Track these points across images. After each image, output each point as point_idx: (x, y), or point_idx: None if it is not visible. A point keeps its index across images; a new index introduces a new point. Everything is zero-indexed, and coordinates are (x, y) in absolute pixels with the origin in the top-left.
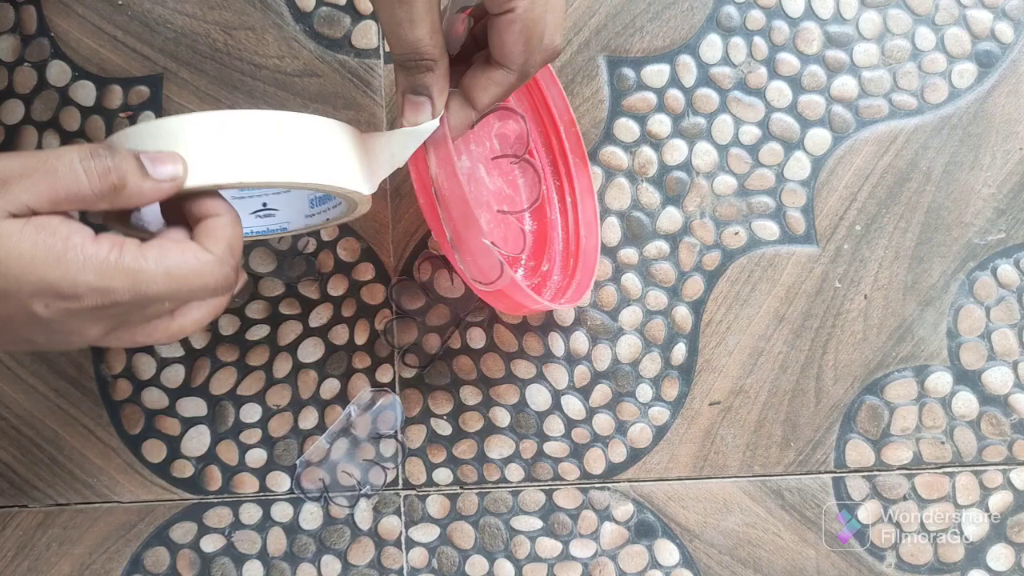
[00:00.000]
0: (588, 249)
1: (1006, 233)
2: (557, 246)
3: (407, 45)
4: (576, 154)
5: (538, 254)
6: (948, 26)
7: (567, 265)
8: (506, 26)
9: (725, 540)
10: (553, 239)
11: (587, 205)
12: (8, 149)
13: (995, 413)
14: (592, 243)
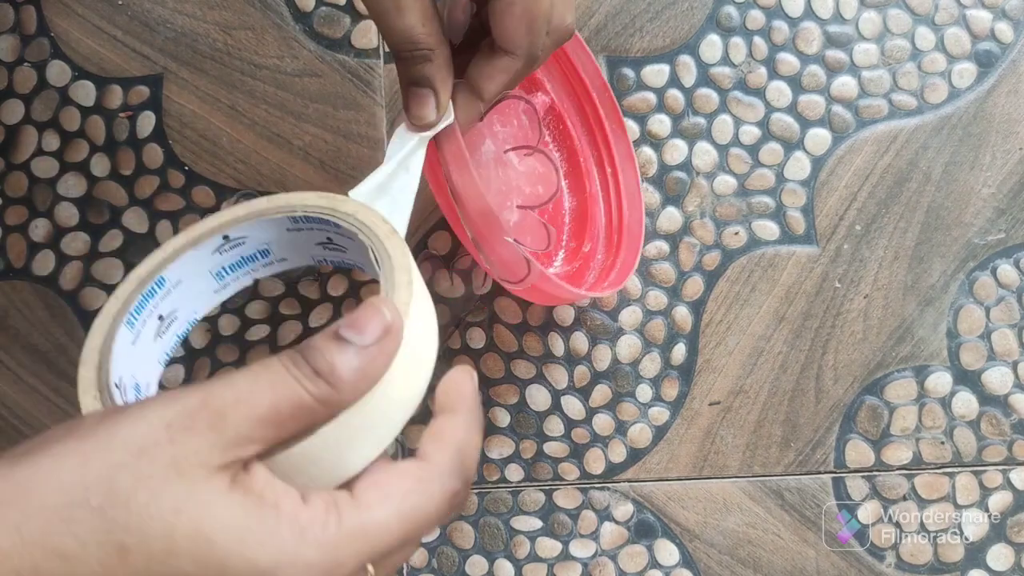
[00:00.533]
0: (632, 223)
1: (1006, 233)
2: (600, 221)
3: (398, 34)
4: (613, 120)
5: (579, 233)
6: (948, 26)
7: (611, 242)
8: (506, 8)
9: (725, 540)
10: (595, 214)
11: (628, 174)
12: (8, 149)
13: (995, 413)
14: (636, 216)
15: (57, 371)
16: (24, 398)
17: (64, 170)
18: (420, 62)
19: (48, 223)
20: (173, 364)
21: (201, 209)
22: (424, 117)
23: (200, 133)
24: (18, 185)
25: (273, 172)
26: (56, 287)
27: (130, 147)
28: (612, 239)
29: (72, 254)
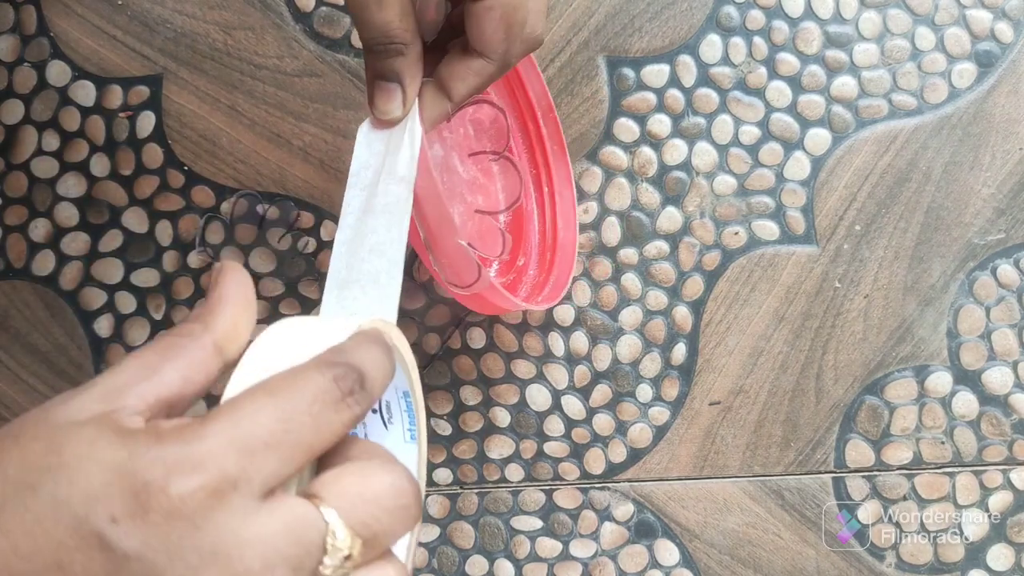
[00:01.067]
0: (566, 243)
1: (1006, 233)
2: (533, 239)
3: (375, 28)
4: (554, 141)
5: (513, 248)
6: (948, 26)
7: (544, 260)
8: (485, 12)
9: (725, 540)
10: (529, 232)
11: (565, 196)
12: (8, 149)
13: (995, 413)
14: (570, 237)
15: (57, 371)
16: (24, 398)
17: (64, 170)
18: (392, 55)
19: (48, 223)
20: None
21: (201, 209)
22: (389, 112)
23: (200, 133)
24: (18, 185)
25: (273, 172)
26: (56, 287)
27: (130, 147)
28: (545, 256)
29: (72, 254)
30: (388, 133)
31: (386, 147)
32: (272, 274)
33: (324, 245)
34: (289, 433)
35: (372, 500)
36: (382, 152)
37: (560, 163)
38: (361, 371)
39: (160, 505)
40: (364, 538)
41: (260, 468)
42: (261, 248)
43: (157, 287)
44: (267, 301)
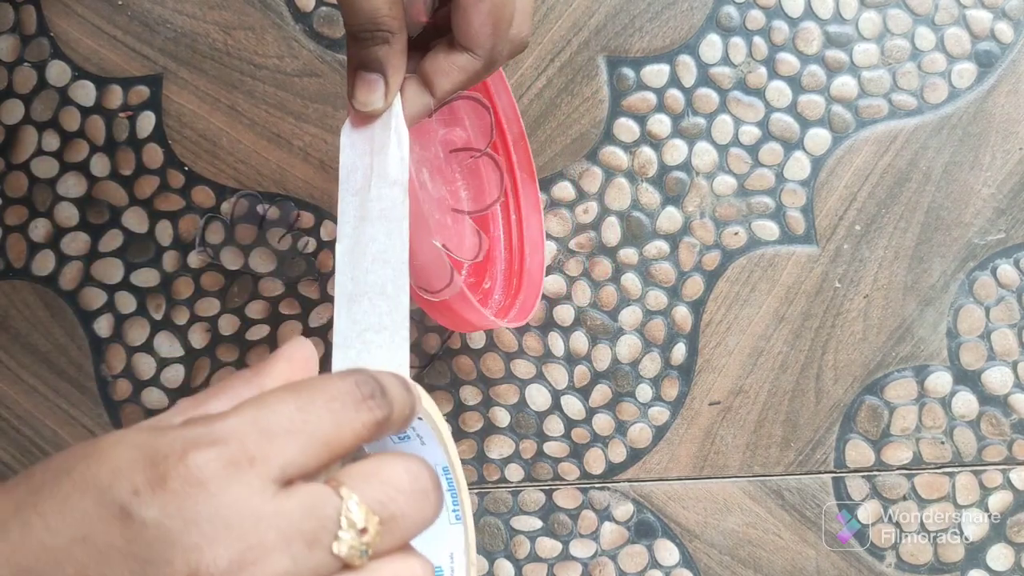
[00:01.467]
0: (532, 268)
1: (1006, 233)
2: (499, 265)
3: (362, 14)
4: (524, 169)
5: (480, 271)
6: (948, 26)
7: (510, 285)
8: (473, 5)
9: (725, 540)
10: (495, 257)
11: (533, 223)
12: (8, 149)
13: (995, 413)
14: (537, 261)
15: (57, 371)
16: (24, 398)
17: (64, 170)
18: (377, 43)
19: (48, 223)
20: (173, 364)
21: (201, 209)
22: (370, 103)
23: (200, 133)
24: (18, 185)
25: (273, 172)
26: (56, 287)
27: (130, 147)
28: (511, 282)
29: (72, 254)
30: (371, 131)
31: (371, 146)
32: (272, 274)
33: (324, 245)
34: (307, 423)
35: (388, 481)
36: (367, 152)
37: (529, 190)
38: (382, 383)
39: (178, 473)
40: (381, 517)
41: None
42: (261, 248)
43: (157, 287)
44: (267, 301)
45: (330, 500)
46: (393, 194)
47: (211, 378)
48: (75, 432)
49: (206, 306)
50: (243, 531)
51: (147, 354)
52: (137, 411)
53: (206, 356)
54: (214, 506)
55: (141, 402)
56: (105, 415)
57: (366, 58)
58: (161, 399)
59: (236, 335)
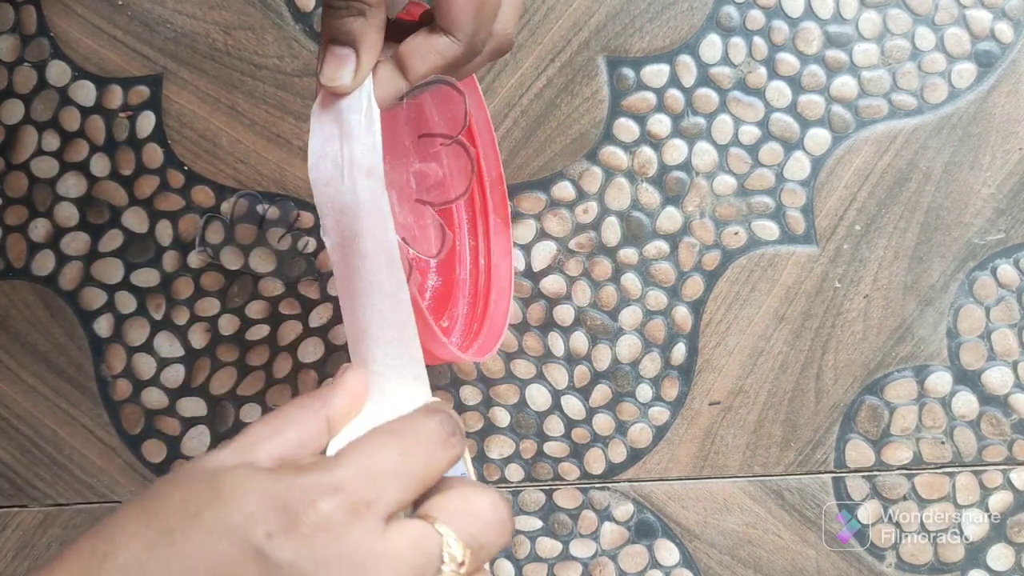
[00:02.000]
0: (496, 315)
1: (1006, 233)
2: (461, 307)
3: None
4: (499, 214)
5: (437, 311)
6: (948, 26)
7: (469, 329)
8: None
9: (725, 540)
10: (457, 299)
11: (502, 270)
12: (8, 149)
13: (995, 413)
14: (502, 308)
15: (57, 371)
16: (24, 398)
17: (64, 170)
18: (352, 14)
19: (48, 223)
20: (173, 364)
21: (201, 209)
22: (337, 79)
23: (200, 133)
24: (18, 185)
25: (273, 172)
26: (56, 287)
27: (130, 147)
28: (471, 327)
29: (72, 254)
30: (341, 115)
31: (340, 131)
32: (272, 274)
33: (324, 245)
34: (408, 465)
35: (476, 515)
36: (336, 137)
37: (501, 237)
38: (456, 420)
39: (308, 521)
40: (472, 548)
41: (386, 493)
42: (261, 248)
43: (157, 287)
44: (267, 301)
45: (433, 537)
46: (370, 185)
47: (211, 378)
48: (75, 432)
49: (206, 306)
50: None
51: (147, 354)
52: (137, 411)
53: (206, 356)
54: (340, 548)
55: (141, 402)
56: (105, 415)
57: (338, 30)
58: (161, 399)
59: (236, 335)
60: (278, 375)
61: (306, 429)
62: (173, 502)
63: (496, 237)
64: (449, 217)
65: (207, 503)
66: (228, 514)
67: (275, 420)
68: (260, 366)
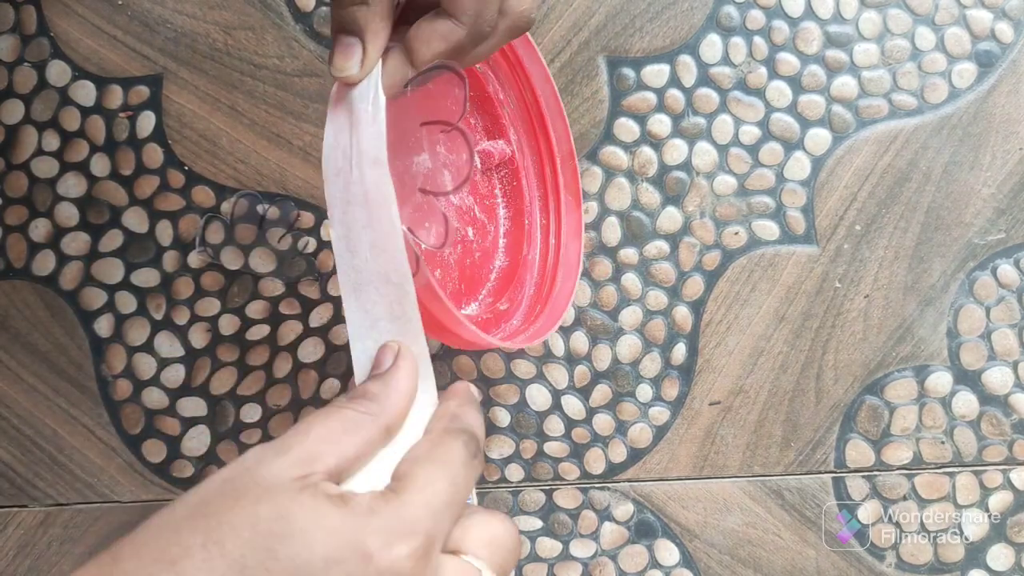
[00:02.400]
0: (560, 295)
1: (1006, 233)
2: (527, 289)
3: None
4: (570, 191)
5: (499, 292)
6: (948, 26)
7: (532, 311)
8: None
9: (725, 540)
10: (524, 280)
11: (571, 249)
12: (8, 149)
13: (995, 413)
14: (566, 289)
15: (57, 371)
16: (24, 398)
17: (64, 170)
18: (356, 3)
19: (48, 223)
20: (174, 364)
21: (201, 209)
22: (345, 69)
23: (200, 133)
24: (18, 185)
25: (273, 172)
26: (56, 287)
27: (130, 147)
28: (533, 309)
29: (72, 254)
30: (351, 105)
31: (350, 122)
32: (272, 274)
33: (324, 245)
34: (456, 495)
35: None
36: (346, 128)
37: (572, 215)
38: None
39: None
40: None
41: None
42: (261, 248)
43: (157, 287)
44: (267, 301)
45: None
46: (376, 175)
47: (211, 378)
48: (75, 432)
49: (206, 306)
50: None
51: (147, 354)
52: (137, 411)
53: (206, 356)
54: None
55: (141, 402)
56: (105, 415)
57: (344, 19)
58: (161, 399)
59: (236, 335)
60: (278, 375)
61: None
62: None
63: (568, 215)
64: (520, 195)
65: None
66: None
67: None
68: (260, 366)
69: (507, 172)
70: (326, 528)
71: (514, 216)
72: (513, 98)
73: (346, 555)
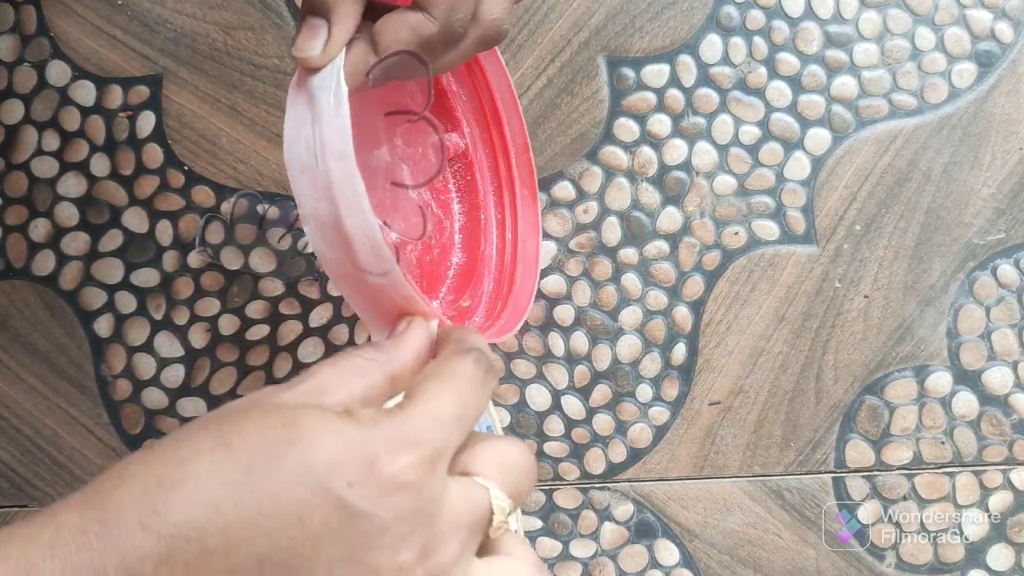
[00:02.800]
0: (521, 292)
1: (1006, 233)
2: (486, 285)
3: None
4: (525, 184)
5: (459, 289)
6: (948, 26)
7: (493, 308)
8: None
9: (725, 540)
10: (482, 275)
11: (529, 244)
12: (8, 149)
13: (995, 413)
14: (527, 286)
15: (57, 371)
16: (24, 398)
17: (64, 170)
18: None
19: (48, 223)
20: (173, 364)
21: (201, 209)
22: (306, 50)
23: (200, 133)
24: (18, 185)
25: (273, 172)
26: (56, 287)
27: (130, 147)
28: (495, 305)
29: (72, 254)
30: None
31: (311, 114)
32: (272, 274)
33: None
34: (464, 409)
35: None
36: (308, 120)
37: (529, 208)
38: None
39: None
40: (513, 497)
41: (452, 440)
42: (261, 248)
43: (157, 287)
44: (267, 301)
45: (481, 492)
46: (343, 168)
47: (211, 378)
48: (75, 431)
49: (206, 306)
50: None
51: (147, 354)
52: (137, 411)
53: (206, 356)
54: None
55: (141, 402)
56: (105, 415)
57: (314, 1)
58: (161, 399)
59: (236, 335)
60: (278, 375)
61: (371, 383)
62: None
63: (524, 210)
64: (474, 189)
65: (288, 444)
66: (310, 459)
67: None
68: (260, 366)
69: (461, 166)
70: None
71: (469, 211)
72: (466, 91)
73: (349, 461)
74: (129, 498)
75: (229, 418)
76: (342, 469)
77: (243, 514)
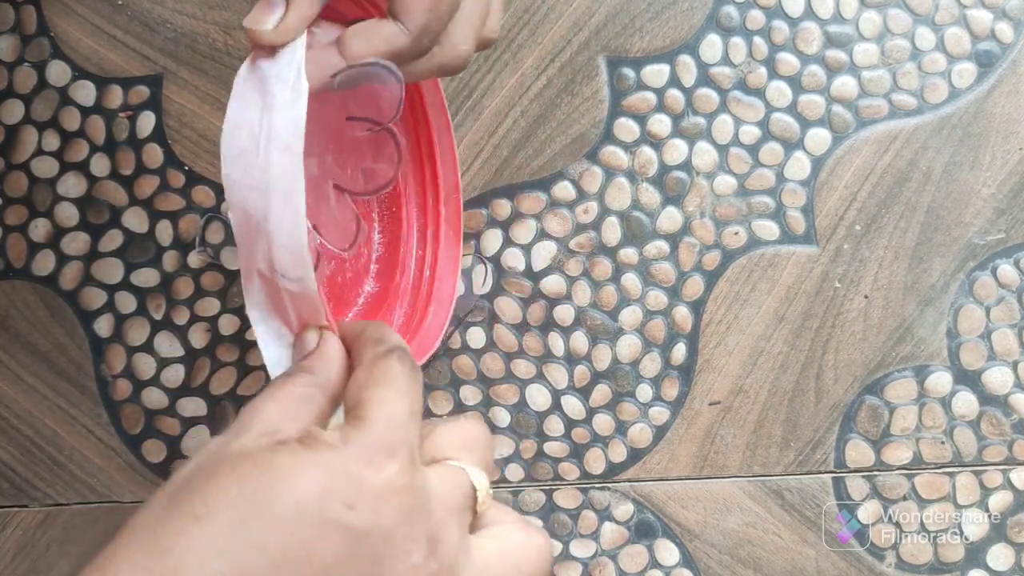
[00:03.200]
0: (431, 327)
1: (1006, 233)
2: (396, 319)
3: None
4: (451, 225)
5: (367, 317)
6: (948, 26)
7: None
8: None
9: (725, 540)
10: (394, 308)
11: (447, 284)
12: (8, 149)
13: (995, 413)
14: (437, 323)
15: (57, 371)
16: (24, 398)
17: (64, 170)
18: None
19: (48, 223)
20: (173, 364)
21: (201, 209)
22: (258, 23)
23: (200, 133)
24: (18, 185)
25: None
26: (56, 287)
27: (130, 147)
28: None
29: (72, 254)
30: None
31: (263, 100)
32: None
33: None
34: (413, 403)
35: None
36: (258, 106)
37: (451, 249)
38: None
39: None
40: (484, 470)
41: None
42: None
43: (157, 287)
44: None
45: (460, 475)
46: (285, 162)
47: (211, 378)
48: (75, 432)
49: (206, 306)
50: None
51: (147, 354)
52: (137, 411)
53: (206, 356)
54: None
55: (141, 402)
56: (105, 415)
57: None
58: (161, 399)
59: (236, 335)
60: None
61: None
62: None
63: (446, 249)
64: (398, 222)
65: (272, 489)
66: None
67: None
68: (260, 366)
69: (387, 197)
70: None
71: (390, 243)
72: (408, 125)
73: (338, 485)
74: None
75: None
76: (334, 495)
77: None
